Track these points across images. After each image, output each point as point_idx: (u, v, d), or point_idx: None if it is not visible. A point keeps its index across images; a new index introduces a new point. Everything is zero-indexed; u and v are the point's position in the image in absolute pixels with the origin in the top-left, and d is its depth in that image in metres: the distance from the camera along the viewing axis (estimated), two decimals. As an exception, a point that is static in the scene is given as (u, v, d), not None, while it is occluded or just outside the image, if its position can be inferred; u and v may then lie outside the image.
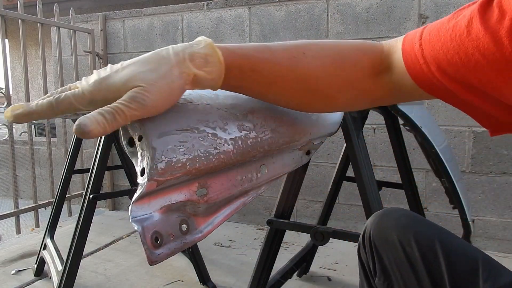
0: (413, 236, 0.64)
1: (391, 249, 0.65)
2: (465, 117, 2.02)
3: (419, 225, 0.66)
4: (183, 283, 1.67)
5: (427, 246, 0.63)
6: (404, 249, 0.64)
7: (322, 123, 0.64)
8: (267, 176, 0.53)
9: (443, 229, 0.67)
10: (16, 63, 6.67)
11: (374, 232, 0.68)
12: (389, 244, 0.66)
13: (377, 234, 0.67)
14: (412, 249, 0.63)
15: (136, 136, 0.38)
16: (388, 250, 0.66)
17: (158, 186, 0.38)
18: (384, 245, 0.66)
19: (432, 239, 0.63)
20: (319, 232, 1.01)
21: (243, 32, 2.40)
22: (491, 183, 2.00)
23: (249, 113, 0.49)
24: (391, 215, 0.69)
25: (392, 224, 0.67)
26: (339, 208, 2.29)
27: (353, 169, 0.92)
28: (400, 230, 0.65)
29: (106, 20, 2.75)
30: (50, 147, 2.34)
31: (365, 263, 0.71)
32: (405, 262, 0.64)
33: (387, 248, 0.66)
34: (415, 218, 0.68)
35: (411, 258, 0.63)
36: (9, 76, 2.15)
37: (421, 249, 0.63)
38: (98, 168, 1.39)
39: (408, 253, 0.63)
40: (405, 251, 0.64)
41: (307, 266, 1.73)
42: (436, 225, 0.68)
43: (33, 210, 2.24)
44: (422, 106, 1.21)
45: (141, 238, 0.37)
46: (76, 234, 1.37)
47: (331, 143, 2.28)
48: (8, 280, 1.72)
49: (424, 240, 0.63)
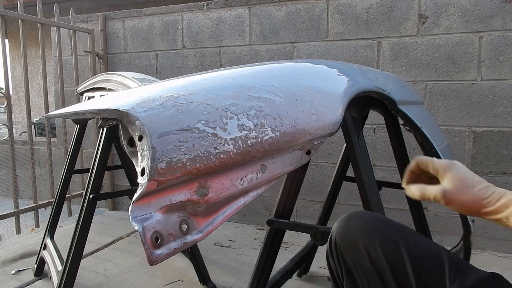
0: (378, 240, 0.63)
1: (357, 255, 0.65)
2: (465, 117, 2.02)
3: (384, 229, 0.65)
4: (183, 283, 1.67)
5: (392, 250, 0.62)
6: (370, 255, 0.63)
7: (322, 123, 0.63)
8: (267, 176, 0.53)
9: (408, 230, 0.66)
10: (16, 63, 6.67)
11: (339, 238, 0.68)
12: (354, 250, 0.65)
13: (342, 240, 0.67)
14: (377, 254, 0.63)
15: (137, 136, 0.38)
16: (354, 257, 0.65)
17: (159, 186, 0.38)
18: (349, 252, 0.66)
19: (397, 242, 0.62)
20: (319, 232, 1.01)
21: (243, 32, 2.40)
22: (491, 183, 2.00)
23: (250, 113, 0.49)
24: (355, 220, 0.68)
25: (356, 229, 0.66)
26: (339, 208, 2.29)
27: (353, 169, 0.92)
28: (365, 235, 0.64)
29: (106, 20, 2.75)
30: (50, 147, 2.34)
31: (334, 269, 0.71)
32: (371, 268, 0.63)
33: (353, 254, 0.65)
34: (380, 221, 0.67)
35: (376, 264, 0.63)
36: (9, 76, 2.15)
37: (386, 254, 0.62)
38: (98, 168, 1.39)
39: (373, 259, 0.63)
40: (370, 256, 0.63)
41: (307, 266, 1.73)
42: (402, 226, 0.67)
43: (33, 210, 2.24)
44: (422, 106, 1.21)
45: (141, 238, 0.37)
46: (76, 234, 1.37)
47: (331, 143, 2.28)
48: (8, 280, 1.72)
49: (389, 244, 0.63)
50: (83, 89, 1.71)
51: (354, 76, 0.80)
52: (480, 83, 1.98)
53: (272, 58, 2.36)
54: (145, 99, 0.43)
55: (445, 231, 2.10)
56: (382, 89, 0.91)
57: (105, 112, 0.42)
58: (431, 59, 2.04)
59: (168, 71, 2.62)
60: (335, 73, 0.77)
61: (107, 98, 0.48)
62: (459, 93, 2.02)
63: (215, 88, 0.50)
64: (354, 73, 0.82)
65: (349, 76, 0.79)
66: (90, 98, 1.67)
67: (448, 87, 2.03)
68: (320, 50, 2.25)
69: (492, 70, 1.95)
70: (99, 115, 0.43)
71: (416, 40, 2.04)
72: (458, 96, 2.02)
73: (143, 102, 0.43)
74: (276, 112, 0.53)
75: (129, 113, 0.40)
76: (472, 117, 2.01)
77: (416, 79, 2.08)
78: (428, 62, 2.05)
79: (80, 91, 1.75)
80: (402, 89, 1.07)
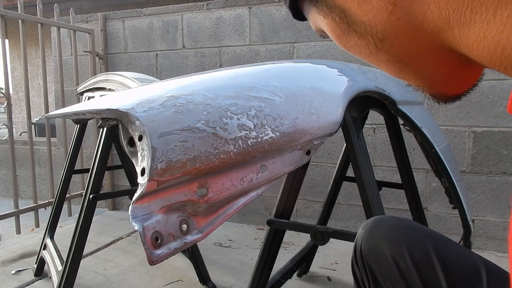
0: (406, 249, 0.59)
1: (384, 266, 0.61)
2: (465, 117, 2.02)
3: (412, 235, 0.61)
4: (183, 283, 1.67)
5: (423, 259, 0.58)
6: (398, 265, 0.59)
7: (322, 123, 0.64)
8: (267, 176, 0.53)
9: (438, 236, 0.62)
10: (16, 63, 6.67)
11: (365, 247, 0.64)
12: (381, 260, 0.61)
13: (369, 248, 0.63)
14: (406, 264, 0.59)
15: (137, 136, 0.38)
16: (382, 267, 0.61)
17: (158, 186, 0.38)
18: (376, 262, 0.62)
19: (427, 250, 0.59)
20: (319, 232, 1.01)
21: (243, 32, 2.40)
22: (491, 183, 2.00)
23: (250, 113, 0.49)
24: (382, 226, 0.64)
25: (383, 236, 0.62)
26: (339, 208, 2.29)
27: (353, 169, 0.92)
28: (393, 243, 0.61)
29: (106, 20, 2.75)
30: (50, 147, 2.34)
31: (359, 278, 0.67)
32: (399, 278, 0.59)
33: (380, 264, 0.62)
34: (408, 227, 0.63)
35: (405, 275, 0.59)
36: (9, 76, 2.15)
37: (416, 263, 0.58)
38: (98, 168, 1.39)
39: (402, 270, 0.59)
40: (399, 267, 0.59)
41: (307, 266, 1.73)
42: (431, 232, 0.63)
43: (33, 210, 2.24)
44: (422, 106, 1.21)
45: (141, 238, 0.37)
46: (76, 234, 1.37)
47: (331, 143, 2.28)
48: (8, 280, 1.72)
49: (419, 253, 0.59)
50: (83, 89, 1.71)
51: (354, 76, 0.80)
52: (480, 83, 1.98)
53: (272, 58, 2.36)
54: (145, 99, 0.44)
55: (445, 231, 2.10)
56: (382, 89, 0.91)
57: (105, 112, 0.42)
58: (431, 59, 2.04)
59: (168, 71, 2.62)
60: (335, 73, 0.77)
61: (107, 98, 0.48)
62: (459, 93, 2.02)
63: (215, 88, 0.50)
64: (354, 73, 0.82)
65: (349, 76, 0.79)
66: (90, 98, 1.67)
67: (448, 87, 2.03)
68: (320, 50, 2.25)
69: (492, 70, 1.95)
70: (99, 115, 0.43)
71: (416, 40, 2.03)
72: (458, 96, 2.02)
73: (143, 102, 0.43)
74: (276, 112, 0.53)
75: (129, 113, 0.40)
76: (472, 117, 2.01)
77: (416, 79, 2.08)
78: (428, 62, 2.04)
79: (80, 91, 1.75)
80: (402, 89, 1.07)
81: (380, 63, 0.32)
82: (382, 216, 0.67)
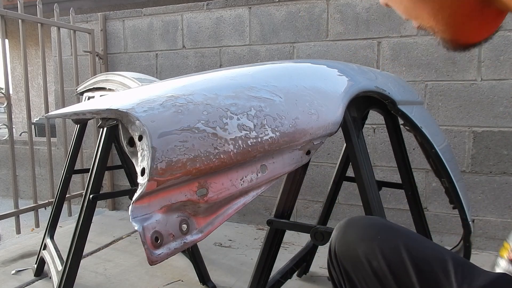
0: (378, 247, 0.61)
1: (358, 265, 0.62)
2: (465, 117, 2.02)
3: (383, 234, 0.63)
4: (183, 283, 1.67)
5: (394, 257, 0.60)
6: (371, 264, 0.61)
7: (322, 123, 0.64)
8: (267, 176, 0.53)
9: (409, 233, 0.64)
10: (16, 63, 6.67)
11: (338, 247, 0.65)
12: (354, 260, 0.63)
13: (342, 249, 0.65)
14: (378, 262, 0.60)
15: (137, 136, 0.38)
16: (355, 267, 0.63)
17: (159, 186, 0.38)
18: (350, 261, 0.64)
19: (398, 247, 0.60)
20: (319, 232, 1.01)
21: (243, 32, 2.40)
22: (491, 183, 2.00)
23: (250, 113, 0.49)
24: (354, 226, 0.66)
25: (355, 236, 0.64)
26: (339, 208, 2.29)
27: (353, 169, 0.92)
28: (364, 243, 0.62)
29: (106, 20, 2.75)
30: (50, 147, 2.34)
31: (335, 279, 0.68)
32: (372, 277, 0.61)
33: (353, 264, 0.63)
34: (379, 225, 0.65)
35: (378, 273, 0.60)
36: (9, 76, 2.15)
37: (388, 261, 0.60)
38: (98, 168, 1.39)
39: (375, 268, 0.60)
40: (372, 265, 0.61)
41: (307, 266, 1.73)
42: (402, 229, 0.65)
43: (33, 210, 2.24)
44: (422, 106, 1.21)
45: (141, 238, 0.37)
46: (76, 234, 1.37)
47: (331, 143, 2.28)
48: (8, 280, 1.72)
49: (390, 250, 0.60)
50: (83, 89, 1.71)
51: (354, 76, 0.80)
52: (480, 83, 1.98)
53: (272, 58, 2.36)
54: (145, 99, 0.44)
55: (445, 231, 2.10)
56: (382, 89, 0.91)
57: (105, 112, 0.42)
58: (431, 59, 2.04)
59: (168, 71, 2.62)
60: (335, 73, 0.77)
61: (107, 98, 0.48)
62: (459, 93, 2.02)
63: (215, 88, 0.50)
64: (354, 73, 0.82)
65: (349, 76, 0.79)
66: (90, 98, 1.67)
67: (448, 87, 2.04)
68: (320, 50, 2.25)
69: (492, 70, 1.95)
70: (99, 115, 0.43)
71: (416, 40, 2.04)
72: (458, 96, 2.02)
73: (143, 102, 0.43)
74: (276, 112, 0.53)
75: (129, 113, 0.40)
76: (472, 117, 2.01)
77: (416, 79, 2.08)
78: (428, 62, 2.05)
79: (80, 91, 1.75)
80: (402, 89, 1.07)
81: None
82: (354, 217, 0.69)
